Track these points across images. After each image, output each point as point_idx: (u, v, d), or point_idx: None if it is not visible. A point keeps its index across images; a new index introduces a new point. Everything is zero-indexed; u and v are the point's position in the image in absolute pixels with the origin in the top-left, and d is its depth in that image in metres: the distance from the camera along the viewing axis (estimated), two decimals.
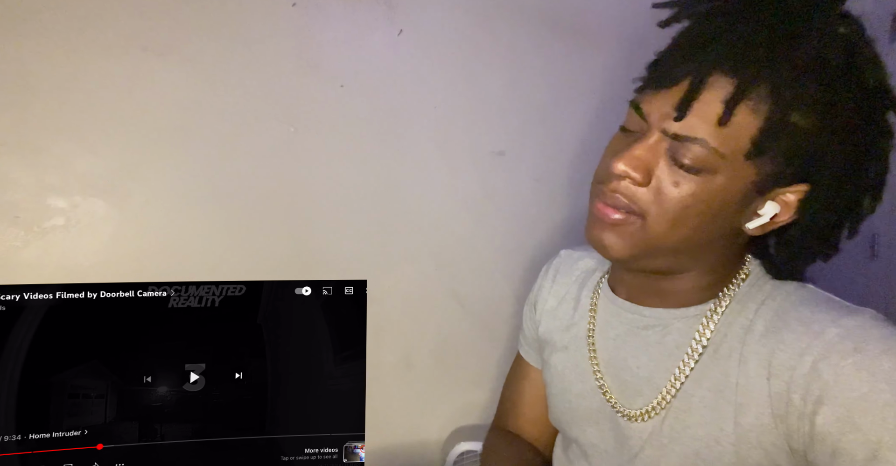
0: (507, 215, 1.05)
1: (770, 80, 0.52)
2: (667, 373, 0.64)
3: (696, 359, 0.63)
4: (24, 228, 0.85)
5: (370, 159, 0.98)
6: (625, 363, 0.68)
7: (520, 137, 1.04)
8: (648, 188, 0.58)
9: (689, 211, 0.57)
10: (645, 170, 0.57)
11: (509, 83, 1.02)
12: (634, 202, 0.59)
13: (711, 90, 0.54)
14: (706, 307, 0.64)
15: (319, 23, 0.94)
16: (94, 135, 0.86)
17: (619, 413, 0.68)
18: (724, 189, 0.56)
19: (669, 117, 0.56)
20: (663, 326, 0.66)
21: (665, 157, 0.57)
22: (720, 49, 0.53)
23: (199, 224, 0.92)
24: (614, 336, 0.70)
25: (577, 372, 0.73)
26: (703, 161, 0.55)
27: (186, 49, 0.89)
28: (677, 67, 0.55)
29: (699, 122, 0.54)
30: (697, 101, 0.54)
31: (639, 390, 0.67)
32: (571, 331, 0.76)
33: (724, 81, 0.53)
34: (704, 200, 0.56)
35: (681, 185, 0.56)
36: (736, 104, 0.53)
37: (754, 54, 0.53)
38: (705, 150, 0.54)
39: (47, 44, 0.84)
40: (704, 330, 0.63)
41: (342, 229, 0.98)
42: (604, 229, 0.61)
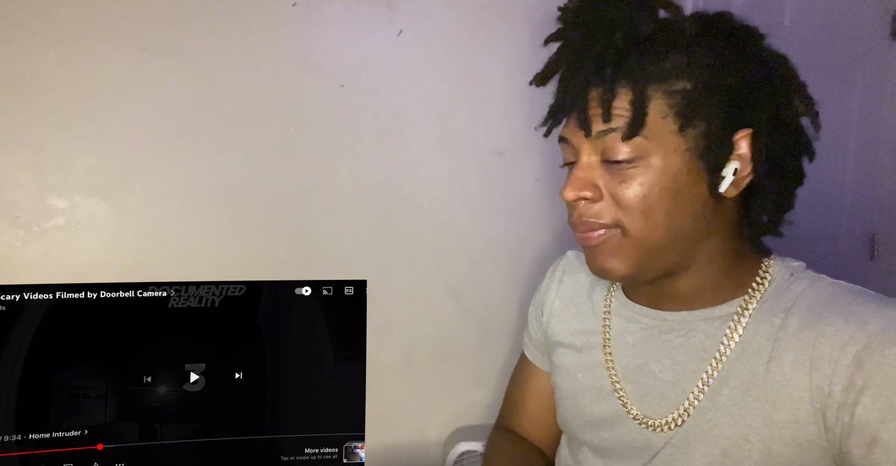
0: (507, 215, 1.05)
1: (639, 70, 0.59)
2: (693, 376, 0.64)
3: (724, 359, 0.62)
4: (24, 228, 0.85)
5: (370, 159, 0.98)
6: (646, 368, 0.68)
7: (520, 137, 1.04)
8: (605, 200, 0.62)
9: (651, 200, 0.60)
10: (591, 186, 0.62)
11: (509, 83, 1.02)
12: (601, 217, 0.62)
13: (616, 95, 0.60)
14: (732, 308, 0.64)
15: (319, 23, 0.94)
16: (94, 135, 0.86)
17: (637, 419, 0.67)
18: (667, 166, 0.59)
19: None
20: (687, 329, 0.66)
21: (601, 167, 0.62)
22: (599, 65, 0.60)
23: (199, 224, 0.92)
24: (633, 342, 0.70)
25: (591, 377, 0.73)
26: (631, 149, 0.59)
27: (186, 49, 0.89)
28: (580, 85, 0.62)
29: (615, 117, 0.60)
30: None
31: (663, 394, 0.66)
32: (584, 335, 0.76)
33: (623, 91, 0.60)
34: (657, 183, 0.60)
35: (627, 181, 0.60)
36: (643, 100, 0.58)
37: (625, 60, 0.59)
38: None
39: (47, 44, 0.84)
40: (733, 333, 0.62)
41: (342, 229, 0.98)
42: (596, 255, 0.65)
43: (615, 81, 0.59)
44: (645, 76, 0.59)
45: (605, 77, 0.59)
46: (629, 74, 0.59)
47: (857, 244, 0.66)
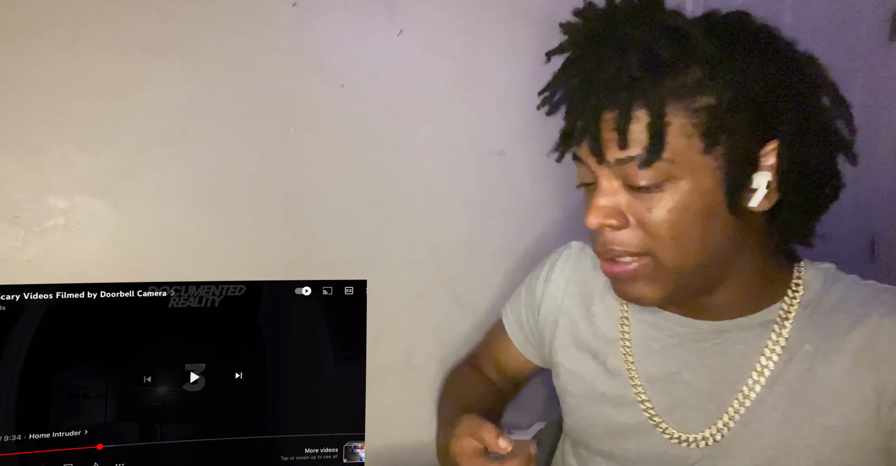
0: (506, 214, 1.05)
1: (654, 93, 0.54)
2: (734, 385, 0.61)
3: (770, 367, 0.60)
4: (24, 228, 0.85)
5: (370, 159, 0.98)
6: (677, 377, 0.65)
7: (520, 137, 1.04)
8: (632, 227, 0.58)
9: (683, 226, 0.56)
10: (615, 213, 0.58)
11: (509, 83, 1.02)
12: (629, 245, 0.59)
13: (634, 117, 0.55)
14: (771, 315, 0.62)
15: (319, 23, 0.94)
16: (94, 135, 0.86)
17: (666, 433, 0.65)
18: (697, 188, 0.55)
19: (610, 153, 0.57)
20: (724, 337, 0.63)
21: (625, 192, 0.58)
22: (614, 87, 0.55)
23: (199, 224, 0.92)
24: (660, 349, 0.67)
25: (610, 384, 0.70)
26: (655, 174, 0.55)
27: (186, 49, 0.89)
28: (591, 109, 0.56)
29: (633, 141, 0.55)
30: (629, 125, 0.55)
31: (699, 404, 0.63)
32: (600, 340, 0.72)
33: (640, 112, 0.54)
34: (688, 207, 0.56)
35: (655, 207, 0.56)
36: (661, 125, 0.54)
37: (638, 84, 0.54)
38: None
39: (47, 44, 0.83)
40: (778, 339, 0.61)
41: (342, 229, 0.98)
42: (626, 283, 0.61)
43: (630, 103, 0.54)
44: (662, 96, 0.54)
45: (620, 100, 0.54)
46: (645, 95, 0.54)
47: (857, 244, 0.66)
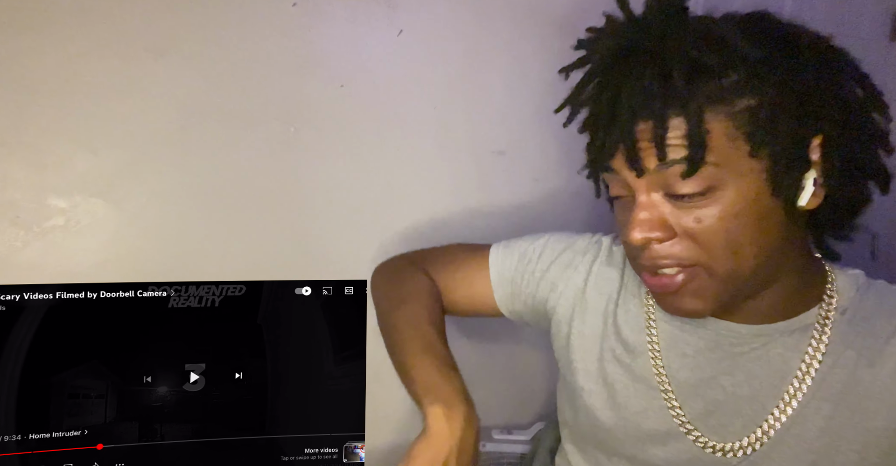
0: (507, 215, 1.05)
1: (698, 93, 0.52)
2: (776, 390, 0.60)
3: (812, 372, 0.59)
4: (24, 228, 0.85)
5: (370, 159, 0.98)
6: (714, 382, 0.63)
7: (520, 137, 1.04)
8: (680, 238, 0.56)
9: (734, 233, 0.54)
10: (661, 226, 0.55)
11: (509, 83, 1.02)
12: (680, 257, 0.56)
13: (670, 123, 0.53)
14: (810, 319, 0.60)
15: (319, 23, 0.94)
16: (94, 135, 0.86)
17: (699, 441, 0.63)
18: (745, 192, 0.53)
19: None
20: (764, 342, 0.61)
21: (667, 202, 0.55)
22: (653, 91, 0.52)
23: (199, 224, 0.92)
24: (693, 353, 0.64)
25: (636, 388, 0.67)
26: (700, 181, 0.53)
27: (186, 49, 0.89)
28: (625, 122, 0.54)
29: (672, 149, 0.53)
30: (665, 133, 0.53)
31: (737, 410, 0.62)
32: (623, 343, 0.69)
33: (677, 120, 0.52)
34: (738, 213, 0.53)
35: (703, 217, 0.54)
36: (701, 132, 0.52)
37: (674, 87, 0.52)
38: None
39: (47, 44, 0.84)
40: (819, 344, 0.59)
41: (342, 229, 0.98)
42: (676, 296, 0.58)
43: (666, 111, 0.52)
44: (699, 102, 0.51)
45: (654, 109, 0.52)
46: (682, 102, 0.51)
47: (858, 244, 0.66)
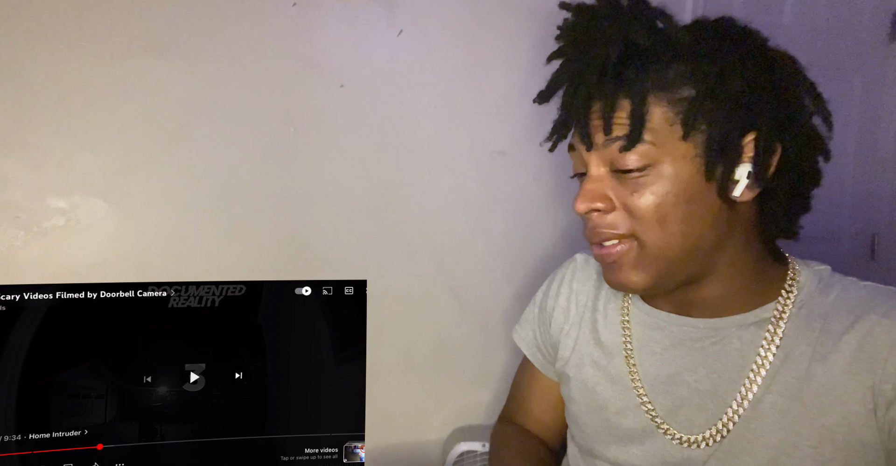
0: (507, 214, 1.05)
1: (639, 82, 0.60)
2: (734, 384, 0.62)
3: (767, 366, 0.61)
4: (24, 228, 0.85)
5: (370, 159, 0.98)
6: (678, 378, 0.66)
7: (520, 137, 1.04)
8: (618, 210, 0.63)
9: (665, 208, 0.60)
10: (602, 197, 0.63)
11: (509, 83, 1.02)
12: (616, 227, 0.63)
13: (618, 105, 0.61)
14: (766, 313, 0.63)
15: (319, 23, 0.94)
16: (94, 135, 0.86)
17: (669, 434, 0.65)
18: (679, 173, 0.60)
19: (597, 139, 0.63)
20: (721, 336, 0.64)
21: (612, 177, 0.63)
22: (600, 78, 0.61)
23: (199, 224, 0.92)
24: (660, 351, 0.68)
25: (614, 389, 0.71)
26: (639, 158, 0.60)
27: (186, 49, 0.89)
28: (581, 100, 0.62)
29: (617, 127, 0.61)
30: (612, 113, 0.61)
31: (700, 405, 0.64)
32: (602, 346, 0.73)
33: (625, 101, 0.60)
34: (670, 191, 0.60)
35: (639, 190, 0.61)
36: (642, 112, 0.59)
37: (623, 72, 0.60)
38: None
39: (47, 44, 0.84)
40: (773, 338, 0.62)
41: (342, 229, 0.98)
42: (614, 270, 0.65)
43: (616, 93, 0.60)
44: (645, 87, 0.59)
45: (606, 90, 0.60)
46: (629, 86, 0.60)
47: (857, 244, 0.66)
